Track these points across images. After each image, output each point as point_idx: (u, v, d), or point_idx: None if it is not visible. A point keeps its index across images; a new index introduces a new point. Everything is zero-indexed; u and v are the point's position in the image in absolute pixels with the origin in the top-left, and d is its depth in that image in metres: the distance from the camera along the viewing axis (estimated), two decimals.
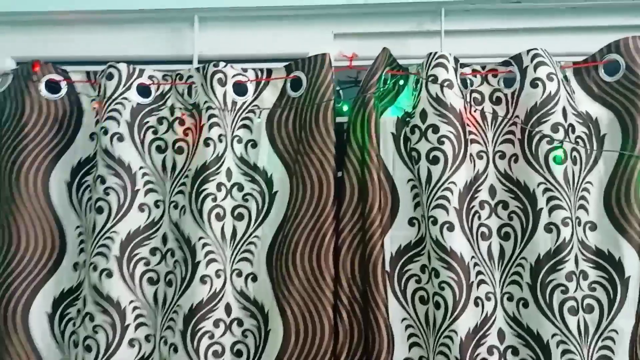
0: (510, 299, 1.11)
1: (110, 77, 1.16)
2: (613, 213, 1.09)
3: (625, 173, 1.08)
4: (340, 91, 1.19)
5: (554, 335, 1.05)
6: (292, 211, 1.13)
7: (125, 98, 1.16)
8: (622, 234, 1.08)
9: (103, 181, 1.13)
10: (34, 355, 1.14)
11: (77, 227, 1.19)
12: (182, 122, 1.18)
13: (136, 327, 1.13)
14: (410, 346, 1.12)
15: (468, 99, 1.14)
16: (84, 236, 1.17)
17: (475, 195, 1.12)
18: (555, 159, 1.07)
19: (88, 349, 1.10)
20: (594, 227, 1.10)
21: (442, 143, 1.08)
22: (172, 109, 1.19)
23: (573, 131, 1.10)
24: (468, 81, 1.15)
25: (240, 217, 1.16)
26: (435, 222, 1.07)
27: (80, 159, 1.20)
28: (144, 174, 1.16)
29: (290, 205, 1.14)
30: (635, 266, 1.07)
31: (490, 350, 1.09)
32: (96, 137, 1.17)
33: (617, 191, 1.09)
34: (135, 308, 1.13)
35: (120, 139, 1.14)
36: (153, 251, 1.16)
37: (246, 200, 1.16)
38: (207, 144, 1.13)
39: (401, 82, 1.15)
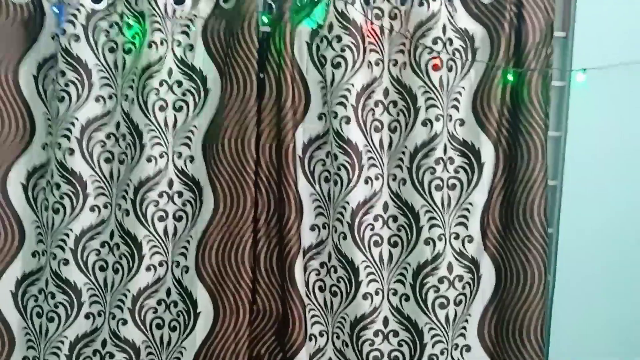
0: (394, 179, 1.38)
1: None
2: (477, 112, 1.35)
3: (489, 80, 1.33)
4: (273, 4, 1.38)
5: (422, 206, 1.34)
6: (221, 105, 1.36)
7: (81, 4, 1.34)
8: (482, 129, 1.34)
9: (63, 74, 1.34)
10: (12, 217, 1.40)
11: (44, 112, 1.40)
12: (129, 27, 1.37)
13: (95, 196, 1.39)
14: (316, 215, 1.41)
15: (370, 15, 1.35)
16: (50, 121, 1.40)
17: (371, 96, 1.36)
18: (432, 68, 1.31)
19: (56, 211, 1.37)
20: (462, 123, 1.36)
21: (344, 51, 1.31)
22: (121, 15, 1.38)
23: (451, 44, 1.32)
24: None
25: (180, 109, 1.38)
26: (336, 116, 1.32)
27: (44, 55, 1.39)
28: (99, 70, 1.37)
29: (221, 100, 1.37)
30: (490, 154, 1.35)
31: (375, 218, 1.38)
32: (57, 37, 1.37)
33: (482, 94, 1.34)
34: (94, 181, 1.38)
35: (77, 39, 1.34)
36: (108, 135, 1.39)
37: (185, 95, 1.38)
38: (150, 46, 1.34)
39: None
